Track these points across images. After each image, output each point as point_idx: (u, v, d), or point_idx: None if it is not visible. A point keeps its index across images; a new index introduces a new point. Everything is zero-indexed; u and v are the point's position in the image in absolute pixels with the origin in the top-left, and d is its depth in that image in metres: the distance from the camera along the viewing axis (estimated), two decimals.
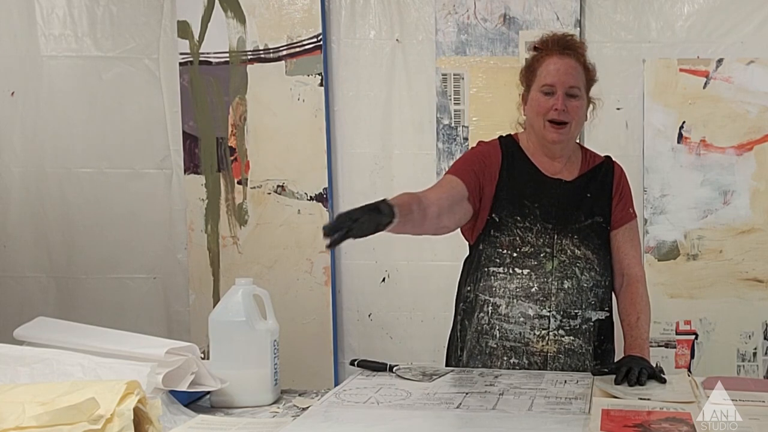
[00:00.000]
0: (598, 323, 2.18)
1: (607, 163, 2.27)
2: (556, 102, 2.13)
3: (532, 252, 2.16)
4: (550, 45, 2.19)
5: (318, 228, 3.26)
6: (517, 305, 2.15)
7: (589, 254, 2.18)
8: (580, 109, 2.17)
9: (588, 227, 2.19)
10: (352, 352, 3.28)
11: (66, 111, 3.38)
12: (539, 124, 2.16)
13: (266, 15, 3.28)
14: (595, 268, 2.18)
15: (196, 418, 1.68)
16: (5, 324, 2.28)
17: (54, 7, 3.34)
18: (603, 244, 2.21)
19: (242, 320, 1.80)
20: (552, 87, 2.13)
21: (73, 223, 3.41)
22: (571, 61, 2.16)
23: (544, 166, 2.21)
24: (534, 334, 2.15)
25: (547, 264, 2.16)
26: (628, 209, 2.25)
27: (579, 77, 2.16)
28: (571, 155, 2.24)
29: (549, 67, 2.15)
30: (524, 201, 2.17)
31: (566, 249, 2.16)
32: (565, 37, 2.22)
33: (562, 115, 2.13)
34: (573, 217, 2.18)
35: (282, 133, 3.30)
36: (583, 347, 2.16)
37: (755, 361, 3.15)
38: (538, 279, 2.15)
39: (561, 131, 2.14)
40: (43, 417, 1.35)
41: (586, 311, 2.17)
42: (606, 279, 2.21)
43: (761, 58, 3.09)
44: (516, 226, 2.16)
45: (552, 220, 2.17)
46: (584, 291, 2.17)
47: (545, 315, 2.15)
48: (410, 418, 1.68)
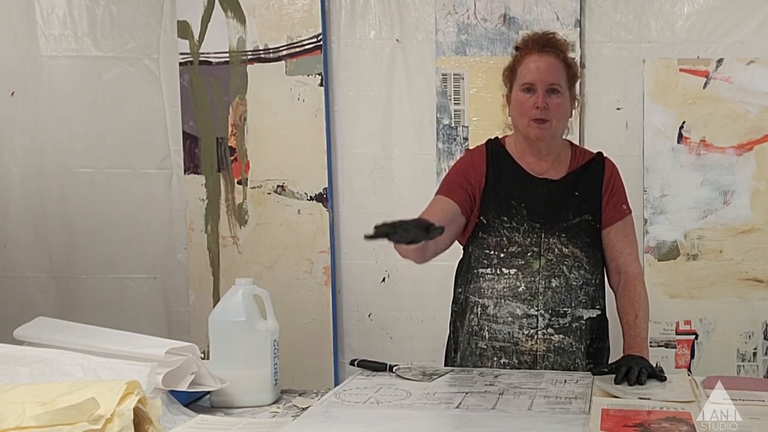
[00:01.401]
0: (590, 321, 2.18)
1: (598, 160, 2.27)
2: (537, 100, 2.14)
3: (519, 252, 2.16)
4: (530, 44, 2.20)
5: (318, 228, 3.32)
6: (504, 305, 2.16)
7: (578, 252, 2.18)
8: (561, 105, 2.17)
9: (576, 225, 2.19)
10: (352, 352, 3.28)
11: (66, 111, 3.38)
12: (522, 123, 2.17)
13: (266, 15, 3.28)
14: (584, 266, 2.18)
15: (196, 418, 1.68)
16: (5, 324, 2.28)
17: (54, 7, 3.34)
18: (593, 242, 2.21)
19: (242, 320, 1.80)
20: (532, 85, 2.15)
21: (73, 223, 3.41)
22: (550, 59, 2.17)
23: (530, 166, 2.22)
24: (523, 334, 2.15)
25: (534, 263, 2.16)
26: (621, 206, 2.24)
27: (559, 74, 2.17)
28: (560, 153, 2.24)
29: (529, 65, 2.17)
30: (511, 202, 2.18)
31: (553, 248, 2.17)
32: (546, 35, 2.23)
33: (544, 112, 2.14)
34: (560, 216, 2.18)
35: (282, 133, 3.30)
36: (574, 345, 2.17)
37: (755, 361, 3.15)
38: (525, 278, 2.16)
39: (543, 127, 2.15)
40: (43, 417, 1.35)
41: (576, 309, 2.17)
42: (597, 277, 2.21)
43: (761, 58, 3.09)
44: (503, 227, 2.17)
45: (539, 220, 2.17)
46: (573, 289, 2.17)
47: (533, 314, 2.15)
48: (410, 418, 1.68)
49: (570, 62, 2.23)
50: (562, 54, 2.20)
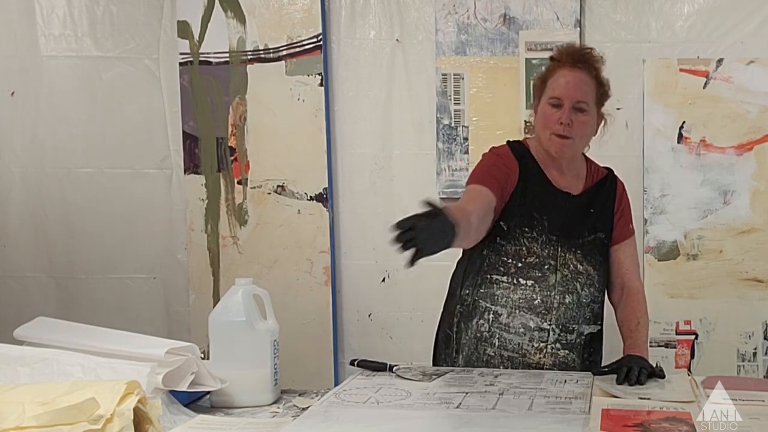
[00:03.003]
0: (589, 336, 2.19)
1: (611, 179, 2.27)
2: (562, 115, 2.11)
3: (536, 263, 2.15)
4: (564, 57, 2.17)
5: (318, 228, 3.32)
6: (519, 316, 2.15)
7: (591, 270, 2.19)
8: (586, 124, 2.14)
9: (590, 243, 2.19)
10: (352, 352, 3.28)
11: (66, 111, 3.38)
12: (545, 136, 2.15)
13: (266, 15, 3.28)
14: (594, 284, 2.19)
15: (196, 418, 1.68)
16: (5, 324, 2.28)
17: (54, 7, 3.34)
18: (604, 261, 2.22)
19: (242, 320, 1.80)
20: (559, 100, 2.12)
21: (73, 223, 3.41)
22: (582, 75, 2.13)
23: (554, 178, 2.20)
24: (532, 346, 2.15)
25: (551, 277, 2.16)
26: (628, 225, 2.27)
27: (589, 92, 2.14)
28: (579, 168, 2.24)
29: (559, 79, 2.13)
30: (534, 213, 2.16)
31: (569, 263, 2.17)
32: (582, 50, 2.20)
33: (567, 129, 2.11)
34: (576, 232, 2.18)
35: (282, 133, 3.30)
36: (575, 361, 2.18)
37: (755, 361, 3.15)
38: (542, 291, 2.15)
39: (564, 144, 2.13)
40: (43, 417, 1.35)
41: (582, 326, 2.18)
42: (602, 294, 2.23)
43: (761, 58, 3.09)
44: (523, 236, 2.15)
45: (557, 232, 2.16)
46: (583, 306, 2.18)
47: (545, 328, 2.15)
48: (410, 418, 1.68)
49: (602, 80, 2.19)
50: (595, 71, 2.17)
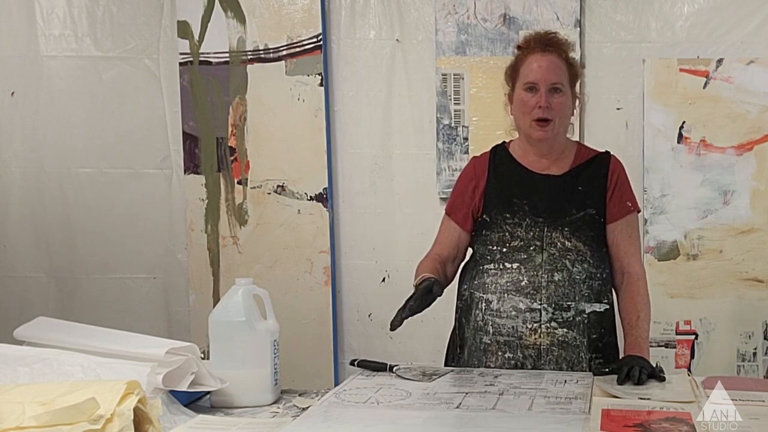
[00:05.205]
0: (595, 315, 2.18)
1: (603, 157, 2.28)
2: (540, 99, 2.15)
3: (521, 246, 2.18)
4: (532, 43, 2.22)
5: (318, 228, 3.32)
6: (508, 299, 2.17)
7: (581, 246, 2.18)
8: (564, 105, 2.19)
9: (580, 219, 2.19)
10: (352, 352, 3.28)
11: (66, 111, 3.38)
12: (525, 123, 2.19)
13: (266, 15, 3.28)
14: (587, 260, 2.18)
15: (196, 418, 1.68)
16: (5, 324, 2.28)
17: (54, 7, 3.35)
18: (597, 237, 2.21)
19: (242, 320, 1.80)
20: (535, 84, 2.17)
21: (73, 223, 3.41)
22: (553, 58, 2.19)
23: (532, 164, 2.24)
24: (526, 328, 2.15)
25: (537, 257, 2.17)
26: (626, 202, 2.24)
27: (562, 73, 2.19)
28: (564, 151, 2.25)
29: (532, 65, 2.18)
30: (513, 199, 2.21)
31: (556, 242, 2.17)
32: (548, 34, 2.25)
33: (546, 112, 2.16)
34: (563, 210, 2.19)
35: (282, 133, 3.31)
36: (578, 339, 2.16)
37: (755, 361, 3.15)
38: (528, 272, 2.16)
39: (546, 128, 2.17)
40: (43, 417, 1.35)
41: (580, 303, 2.17)
42: (602, 271, 2.21)
43: (761, 58, 3.09)
44: (505, 223, 2.20)
45: (542, 215, 2.19)
46: (577, 283, 2.17)
47: (536, 308, 2.15)
48: (410, 418, 1.68)
49: (572, 61, 2.25)
50: (564, 53, 2.22)
